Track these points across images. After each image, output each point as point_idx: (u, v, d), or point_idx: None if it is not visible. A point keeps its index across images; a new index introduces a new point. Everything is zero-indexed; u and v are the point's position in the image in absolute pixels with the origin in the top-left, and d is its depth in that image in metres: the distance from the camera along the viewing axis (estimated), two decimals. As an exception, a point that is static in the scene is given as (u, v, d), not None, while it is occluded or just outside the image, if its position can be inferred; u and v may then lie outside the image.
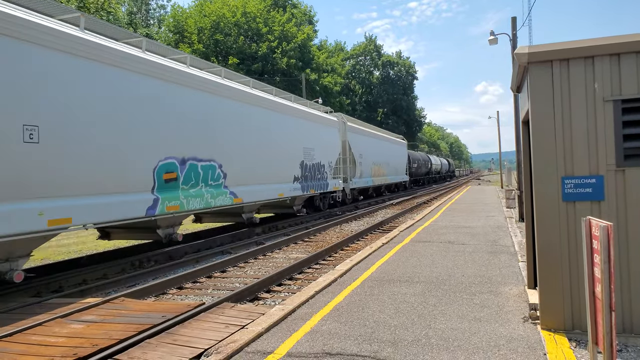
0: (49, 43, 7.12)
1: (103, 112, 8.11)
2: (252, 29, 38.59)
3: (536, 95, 4.37)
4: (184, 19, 38.13)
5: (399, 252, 8.74)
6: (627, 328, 4.09)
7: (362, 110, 61.25)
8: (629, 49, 4.07)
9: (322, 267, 9.28)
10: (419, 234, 11.20)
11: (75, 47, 7.60)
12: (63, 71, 7.36)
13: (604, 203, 4.19)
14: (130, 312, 5.77)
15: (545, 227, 4.36)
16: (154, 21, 44.20)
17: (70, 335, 5.00)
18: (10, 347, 4.72)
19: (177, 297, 7.51)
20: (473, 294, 5.75)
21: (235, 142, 12.21)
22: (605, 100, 4.16)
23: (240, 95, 12.70)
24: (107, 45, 8.32)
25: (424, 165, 47.91)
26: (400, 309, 5.23)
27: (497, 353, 3.96)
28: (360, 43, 69.07)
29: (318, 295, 5.92)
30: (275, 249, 11.45)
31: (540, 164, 4.38)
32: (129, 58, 8.75)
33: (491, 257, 7.99)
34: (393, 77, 69.70)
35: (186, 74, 10.48)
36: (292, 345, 4.30)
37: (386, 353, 4.03)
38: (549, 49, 4.30)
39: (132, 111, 8.79)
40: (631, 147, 4.12)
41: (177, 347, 4.50)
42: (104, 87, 8.13)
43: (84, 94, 7.72)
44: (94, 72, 7.94)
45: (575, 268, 4.21)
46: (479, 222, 13.21)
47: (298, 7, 48.09)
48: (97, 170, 7.96)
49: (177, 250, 10.72)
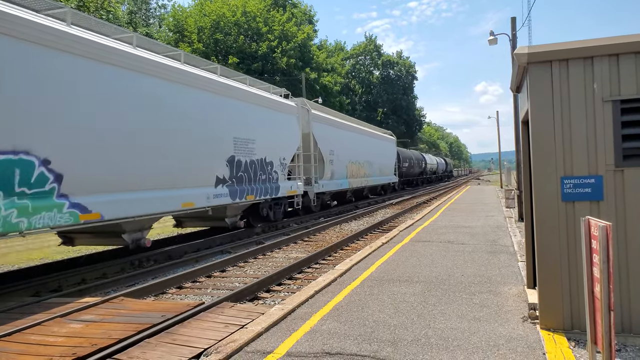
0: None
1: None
2: (252, 29, 38.59)
3: (536, 95, 4.37)
4: (184, 18, 38.13)
5: (399, 252, 8.75)
6: (626, 328, 4.10)
7: (362, 110, 61.29)
8: (627, 50, 4.08)
9: (322, 267, 9.28)
10: (418, 233, 11.20)
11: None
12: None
13: (603, 203, 4.19)
14: (130, 312, 5.77)
15: (544, 227, 4.36)
16: (154, 20, 44.19)
17: (69, 334, 5.00)
18: (9, 346, 4.72)
19: (177, 296, 7.51)
20: (472, 294, 5.75)
21: (86, 124, 7.94)
22: (604, 101, 4.16)
23: (85, 47, 8.01)
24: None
25: (417, 164, 43.99)
26: (399, 309, 5.24)
27: (497, 353, 3.96)
28: (360, 43, 69.13)
29: (318, 295, 5.92)
30: (275, 249, 11.45)
31: (539, 164, 4.38)
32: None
33: (491, 257, 7.99)
34: (393, 77, 69.73)
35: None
36: (291, 344, 4.30)
37: (386, 353, 4.03)
38: (549, 49, 4.30)
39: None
40: (630, 148, 4.12)
41: (176, 346, 4.50)
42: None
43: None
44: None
45: (575, 268, 4.22)
46: (479, 222, 13.21)
47: (298, 6, 48.10)
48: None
49: (176, 249, 10.73)
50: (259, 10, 39.43)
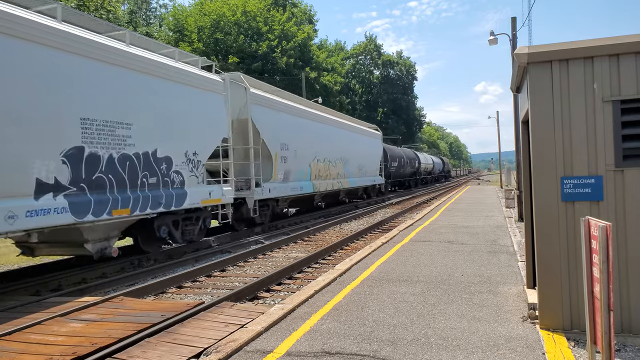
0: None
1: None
2: (252, 28, 38.56)
3: (536, 95, 4.37)
4: (184, 18, 38.13)
5: (399, 252, 8.75)
6: (625, 328, 4.10)
7: (362, 110, 61.27)
8: (628, 50, 4.08)
9: (322, 267, 9.29)
10: (418, 233, 11.20)
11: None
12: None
13: (603, 203, 4.19)
14: (130, 311, 5.77)
15: (544, 227, 4.36)
16: (155, 20, 44.18)
17: (69, 334, 5.00)
18: (9, 346, 4.72)
19: (177, 296, 7.51)
20: (472, 294, 5.75)
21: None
22: (604, 101, 4.16)
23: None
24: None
25: (409, 164, 39.87)
26: (399, 309, 5.24)
27: (496, 352, 3.96)
28: (361, 42, 69.13)
29: (318, 295, 5.93)
30: (275, 248, 11.45)
31: (539, 164, 4.38)
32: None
33: (490, 257, 8.00)
34: (393, 76, 69.74)
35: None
36: (291, 344, 4.30)
37: (385, 352, 4.04)
38: (549, 49, 4.30)
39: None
40: (630, 148, 4.13)
41: (176, 346, 4.50)
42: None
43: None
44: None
45: (574, 268, 4.22)
46: (479, 221, 13.22)
47: (298, 6, 48.09)
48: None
49: (176, 249, 10.73)
50: (259, 10, 39.42)
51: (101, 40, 8.52)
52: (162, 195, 9.63)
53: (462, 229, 11.75)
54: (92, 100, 8.13)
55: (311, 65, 43.24)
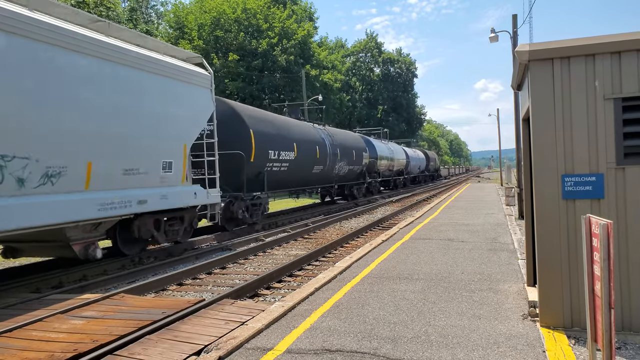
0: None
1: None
2: (253, 26, 38.49)
3: (537, 93, 4.36)
4: (184, 15, 38.06)
5: (399, 249, 8.75)
6: (626, 326, 4.10)
7: (362, 107, 61.19)
8: (629, 47, 4.07)
9: (322, 264, 9.29)
10: (418, 231, 11.20)
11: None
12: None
13: (604, 201, 4.19)
14: (130, 308, 5.78)
15: (545, 225, 4.36)
16: (155, 17, 44.10)
17: (70, 331, 5.01)
18: (10, 342, 4.73)
19: (177, 293, 7.52)
20: (472, 291, 5.76)
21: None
22: (605, 99, 4.16)
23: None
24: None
25: (356, 161, 23.48)
26: (399, 306, 5.25)
27: (497, 350, 3.97)
28: (361, 40, 68.99)
29: (318, 292, 5.93)
30: (275, 246, 11.46)
31: (540, 161, 4.38)
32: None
33: (491, 255, 8.00)
34: (393, 74, 69.61)
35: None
36: (292, 341, 4.31)
37: (386, 350, 4.04)
38: (550, 46, 4.29)
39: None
40: (631, 146, 4.12)
41: (177, 343, 4.51)
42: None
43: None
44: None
45: (575, 266, 4.22)
46: (479, 219, 13.22)
47: (298, 3, 47.96)
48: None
49: (176, 246, 10.73)
50: (259, 7, 39.32)
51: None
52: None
53: (463, 226, 11.75)
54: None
55: (311, 63, 43.16)
